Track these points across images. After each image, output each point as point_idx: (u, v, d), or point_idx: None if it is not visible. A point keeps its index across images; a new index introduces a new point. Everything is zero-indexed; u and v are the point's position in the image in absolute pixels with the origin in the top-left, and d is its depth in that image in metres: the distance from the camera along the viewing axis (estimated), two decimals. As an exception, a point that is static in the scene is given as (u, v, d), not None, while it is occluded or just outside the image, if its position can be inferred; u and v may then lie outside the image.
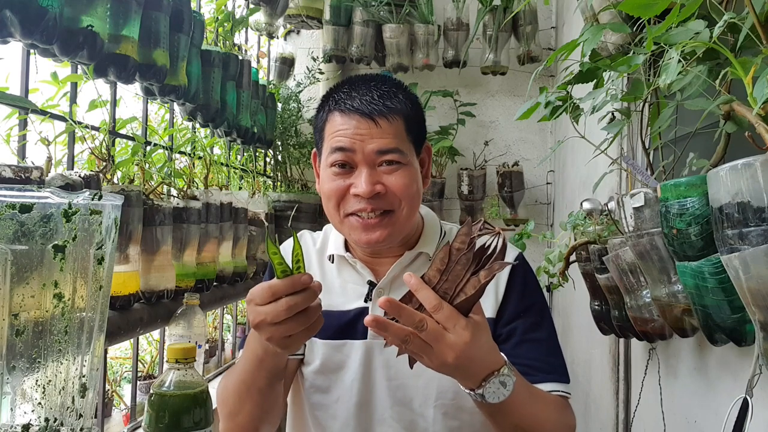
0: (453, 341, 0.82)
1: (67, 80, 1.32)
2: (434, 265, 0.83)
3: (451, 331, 0.82)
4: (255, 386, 1.00)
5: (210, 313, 2.56)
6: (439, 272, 0.82)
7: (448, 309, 0.82)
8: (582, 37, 1.21)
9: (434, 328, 0.82)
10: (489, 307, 1.12)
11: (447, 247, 0.83)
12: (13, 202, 0.64)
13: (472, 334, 0.83)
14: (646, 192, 1.13)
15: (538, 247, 2.84)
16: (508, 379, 0.88)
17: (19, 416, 0.67)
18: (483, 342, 0.86)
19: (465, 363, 0.84)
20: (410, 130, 1.08)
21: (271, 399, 1.03)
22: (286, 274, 0.84)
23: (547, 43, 3.18)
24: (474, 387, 0.88)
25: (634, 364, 1.84)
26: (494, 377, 0.87)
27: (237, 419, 1.04)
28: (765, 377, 0.94)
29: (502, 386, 0.88)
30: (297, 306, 0.84)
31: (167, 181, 1.62)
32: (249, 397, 1.01)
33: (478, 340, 0.84)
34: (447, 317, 0.82)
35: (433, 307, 0.81)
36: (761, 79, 0.79)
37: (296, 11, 2.85)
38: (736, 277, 0.80)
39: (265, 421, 1.06)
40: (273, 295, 0.85)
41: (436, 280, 0.82)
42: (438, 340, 0.82)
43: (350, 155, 1.04)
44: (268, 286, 0.85)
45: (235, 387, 1.03)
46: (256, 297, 0.86)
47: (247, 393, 1.01)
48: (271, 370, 0.98)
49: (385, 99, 1.05)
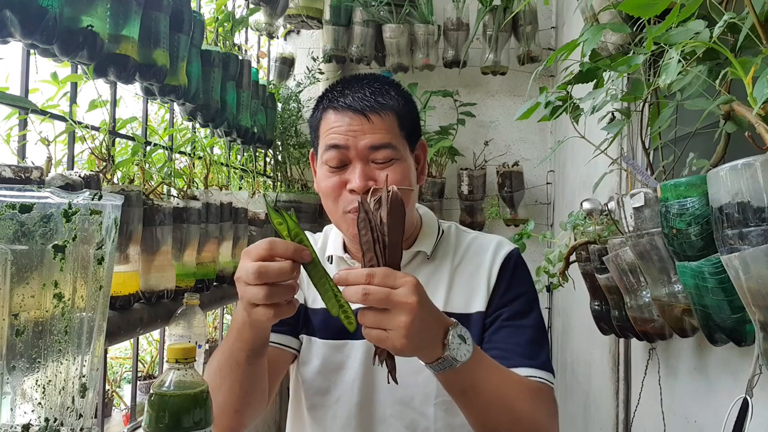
0: (404, 292, 0.83)
1: (67, 80, 1.32)
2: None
3: (397, 284, 0.83)
4: (234, 359, 0.99)
5: (210, 313, 2.55)
6: (362, 243, 0.86)
7: (380, 270, 0.84)
8: (582, 37, 1.21)
9: (377, 293, 0.83)
10: (480, 300, 1.13)
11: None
12: (13, 202, 0.64)
13: (416, 281, 0.84)
14: (646, 192, 1.13)
15: (538, 247, 2.84)
16: (465, 332, 0.89)
17: (19, 416, 0.67)
18: (426, 296, 0.87)
19: (425, 310, 0.84)
20: (403, 127, 1.09)
21: (251, 377, 1.02)
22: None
23: (547, 43, 3.18)
24: (440, 352, 0.88)
25: (634, 364, 1.84)
26: (452, 331, 0.88)
27: (217, 398, 1.01)
28: (765, 377, 0.94)
29: (462, 340, 0.89)
30: (269, 276, 0.84)
31: (167, 181, 1.62)
32: (228, 373, 1.00)
33: (422, 287, 0.85)
34: (384, 275, 0.83)
35: (366, 277, 0.83)
36: (761, 79, 0.79)
37: (296, 11, 2.85)
38: (736, 277, 0.80)
39: (245, 402, 1.03)
40: (269, 251, 0.85)
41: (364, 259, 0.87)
42: (387, 300, 0.83)
43: (344, 152, 1.06)
44: (271, 242, 0.86)
45: (217, 361, 1.02)
46: (255, 248, 0.87)
47: (227, 367, 1.00)
48: (249, 342, 0.96)
49: (377, 96, 1.07)
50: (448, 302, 1.13)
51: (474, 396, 0.94)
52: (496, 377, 0.95)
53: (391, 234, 0.84)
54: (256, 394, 1.05)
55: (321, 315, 1.17)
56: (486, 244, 1.19)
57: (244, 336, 0.96)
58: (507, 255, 1.16)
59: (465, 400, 0.95)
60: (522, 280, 1.16)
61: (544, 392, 1.05)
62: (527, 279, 1.17)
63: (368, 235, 0.84)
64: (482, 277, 1.14)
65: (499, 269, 1.14)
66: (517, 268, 1.16)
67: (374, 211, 0.85)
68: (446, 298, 1.13)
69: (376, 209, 0.85)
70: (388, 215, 0.84)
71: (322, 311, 1.17)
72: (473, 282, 1.14)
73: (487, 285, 1.14)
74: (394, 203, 0.85)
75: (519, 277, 1.16)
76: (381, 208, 0.84)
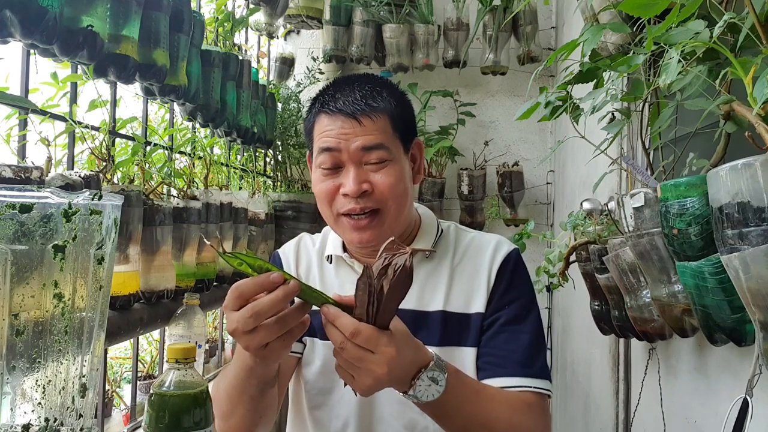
0: (378, 360, 0.83)
1: (67, 80, 1.32)
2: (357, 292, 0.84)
3: (375, 351, 0.82)
4: (246, 393, 0.99)
5: (210, 313, 2.55)
6: (357, 298, 0.84)
7: (366, 331, 0.82)
8: (582, 37, 1.21)
9: (354, 352, 0.82)
10: (479, 301, 1.13)
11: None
12: (13, 202, 0.64)
13: (397, 348, 0.84)
14: (646, 192, 1.13)
15: (538, 247, 2.84)
16: (438, 374, 0.89)
17: (19, 416, 0.67)
18: (408, 349, 0.87)
19: (397, 374, 0.85)
20: (396, 128, 1.09)
21: (264, 404, 1.02)
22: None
23: (547, 43, 3.18)
24: (406, 389, 0.88)
25: (634, 364, 1.84)
26: (423, 374, 0.88)
27: (230, 422, 1.03)
28: (765, 377, 0.94)
29: (433, 382, 0.88)
30: (264, 312, 0.80)
31: (167, 181, 1.62)
32: (241, 403, 1.00)
33: (402, 350, 0.85)
34: (367, 338, 0.82)
35: (351, 334, 0.82)
36: (761, 79, 0.79)
37: (296, 11, 2.85)
38: (736, 277, 0.80)
39: (259, 423, 1.04)
40: (239, 298, 0.82)
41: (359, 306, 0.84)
42: (361, 361, 0.83)
43: (337, 155, 1.06)
44: (235, 287, 0.82)
45: (226, 391, 1.01)
46: (227, 301, 0.83)
47: (239, 399, 1.00)
48: (261, 378, 0.96)
49: (368, 98, 1.07)
50: (447, 301, 1.13)
51: (448, 421, 0.95)
52: (473, 404, 0.96)
53: (388, 302, 0.82)
54: (269, 413, 1.06)
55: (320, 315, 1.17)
56: (485, 243, 1.18)
57: (255, 373, 0.95)
58: (506, 256, 1.16)
59: (440, 422, 0.97)
60: (521, 281, 1.16)
61: (536, 405, 1.05)
62: (526, 280, 1.17)
63: (364, 297, 0.82)
64: (482, 278, 1.14)
65: (498, 270, 1.14)
66: (516, 269, 1.16)
67: (377, 278, 0.81)
68: (446, 297, 1.13)
69: (381, 275, 0.81)
70: (390, 288, 0.80)
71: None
72: (473, 282, 1.14)
73: (487, 286, 1.14)
74: (401, 276, 0.81)
75: (518, 279, 1.15)
76: (385, 278, 0.81)
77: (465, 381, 0.97)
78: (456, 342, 1.11)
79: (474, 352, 1.11)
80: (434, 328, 1.11)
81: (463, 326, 1.12)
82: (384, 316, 0.84)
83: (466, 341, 1.11)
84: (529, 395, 1.05)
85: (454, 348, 1.11)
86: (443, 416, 0.94)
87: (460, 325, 1.12)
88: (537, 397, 1.06)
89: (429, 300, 1.13)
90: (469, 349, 1.11)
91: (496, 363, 1.05)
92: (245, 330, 0.81)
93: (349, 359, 0.84)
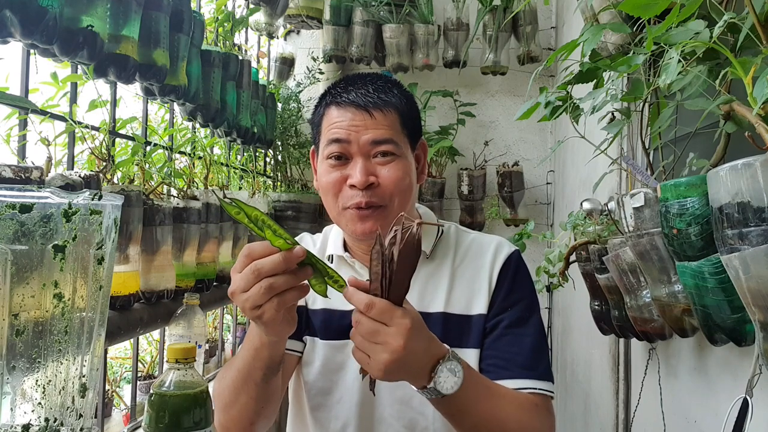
0: (393, 332, 0.82)
1: (67, 80, 1.32)
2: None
3: (390, 323, 0.83)
4: (251, 378, 0.99)
5: (210, 313, 2.56)
6: (371, 270, 0.85)
7: (381, 304, 0.83)
8: (582, 37, 1.21)
9: (369, 325, 0.83)
10: (481, 302, 1.13)
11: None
12: (13, 202, 0.64)
13: (412, 322, 0.84)
14: (646, 192, 1.13)
15: (538, 247, 2.84)
16: (456, 366, 0.89)
17: (19, 416, 0.67)
18: (424, 332, 0.87)
19: (411, 351, 0.84)
20: (405, 125, 1.10)
21: (267, 393, 1.03)
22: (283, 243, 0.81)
23: (547, 43, 3.18)
24: (426, 382, 0.88)
25: (634, 364, 1.84)
26: (441, 365, 0.87)
27: (231, 412, 1.03)
28: (765, 377, 0.94)
29: (451, 374, 0.88)
30: (264, 272, 0.83)
31: (167, 181, 1.62)
32: (245, 389, 1.01)
33: (418, 327, 0.85)
34: (381, 311, 0.83)
35: (365, 307, 0.83)
36: (761, 79, 0.79)
37: (296, 11, 2.85)
38: (736, 277, 0.80)
39: (260, 414, 1.04)
40: (248, 257, 0.84)
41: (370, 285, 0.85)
42: (377, 334, 0.83)
43: (346, 146, 1.06)
44: (247, 247, 0.84)
45: (231, 378, 1.02)
46: (237, 262, 0.85)
47: (243, 384, 1.00)
48: (266, 361, 0.97)
49: (380, 92, 1.08)
50: (448, 303, 1.13)
51: (462, 419, 0.95)
52: (487, 401, 0.96)
53: (399, 272, 0.83)
54: (270, 406, 1.06)
55: (321, 316, 1.17)
56: (486, 245, 1.18)
57: (261, 355, 0.96)
58: (507, 257, 1.16)
59: (453, 421, 0.96)
60: (522, 283, 1.16)
61: (542, 406, 1.05)
62: (528, 282, 1.17)
63: (378, 267, 0.83)
64: (483, 280, 1.14)
65: (499, 272, 1.14)
66: (517, 270, 1.16)
67: (389, 246, 0.83)
68: (447, 298, 1.13)
69: (391, 244, 0.83)
70: (399, 254, 0.82)
71: (322, 312, 1.17)
72: (474, 284, 1.14)
73: (488, 287, 1.13)
74: (409, 243, 0.83)
75: (519, 281, 1.15)
76: (395, 245, 0.83)
77: (478, 376, 0.98)
78: (457, 343, 1.11)
79: (475, 353, 1.11)
80: (435, 329, 1.11)
81: (464, 327, 1.12)
82: (396, 291, 0.85)
83: (467, 342, 1.11)
84: (534, 396, 1.05)
85: (455, 349, 1.10)
86: (458, 413, 0.94)
87: (461, 326, 1.12)
88: (542, 399, 1.06)
89: (429, 301, 1.13)
90: (470, 351, 1.11)
91: (501, 365, 1.05)
92: (244, 289, 0.83)
93: (365, 335, 0.84)
